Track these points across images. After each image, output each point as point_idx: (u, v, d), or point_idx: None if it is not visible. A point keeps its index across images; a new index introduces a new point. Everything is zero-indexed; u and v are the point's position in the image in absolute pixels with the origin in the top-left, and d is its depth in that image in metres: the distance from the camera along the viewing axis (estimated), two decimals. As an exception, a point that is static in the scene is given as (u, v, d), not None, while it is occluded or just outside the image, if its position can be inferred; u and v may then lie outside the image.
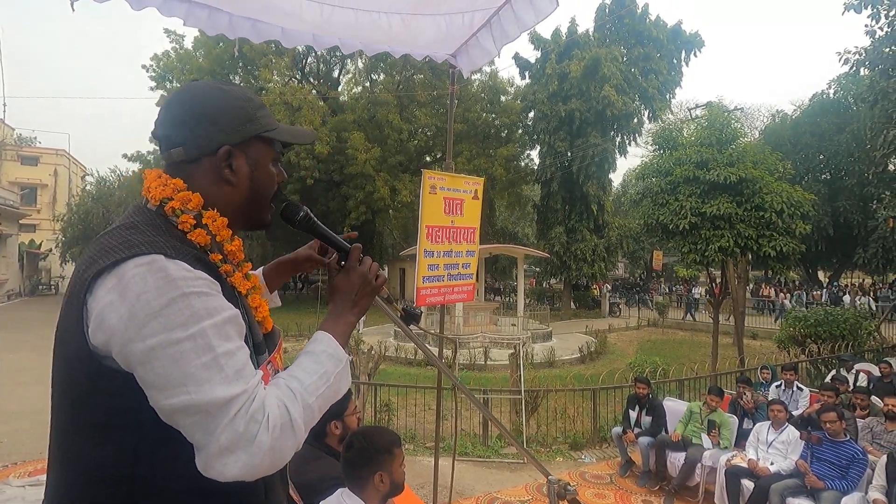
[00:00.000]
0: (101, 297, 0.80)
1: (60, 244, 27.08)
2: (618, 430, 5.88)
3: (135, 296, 0.78)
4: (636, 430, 5.66)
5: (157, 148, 1.01)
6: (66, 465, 0.87)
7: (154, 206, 0.92)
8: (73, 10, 2.04)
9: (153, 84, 24.01)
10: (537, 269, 29.87)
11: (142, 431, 0.82)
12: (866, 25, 10.66)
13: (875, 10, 10.35)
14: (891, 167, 13.47)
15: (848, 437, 4.37)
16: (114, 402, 0.82)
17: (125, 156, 24.70)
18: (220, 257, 0.93)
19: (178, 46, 23.77)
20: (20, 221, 27.79)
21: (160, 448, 0.83)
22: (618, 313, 24.45)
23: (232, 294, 0.92)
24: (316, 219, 1.10)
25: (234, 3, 2.17)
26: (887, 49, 10.60)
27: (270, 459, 0.79)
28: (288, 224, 1.09)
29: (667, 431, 5.54)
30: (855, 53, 11.11)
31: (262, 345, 0.98)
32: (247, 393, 0.80)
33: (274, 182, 1.03)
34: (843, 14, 10.65)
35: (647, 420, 5.66)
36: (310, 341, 0.98)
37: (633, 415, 5.81)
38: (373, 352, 9.26)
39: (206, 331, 0.79)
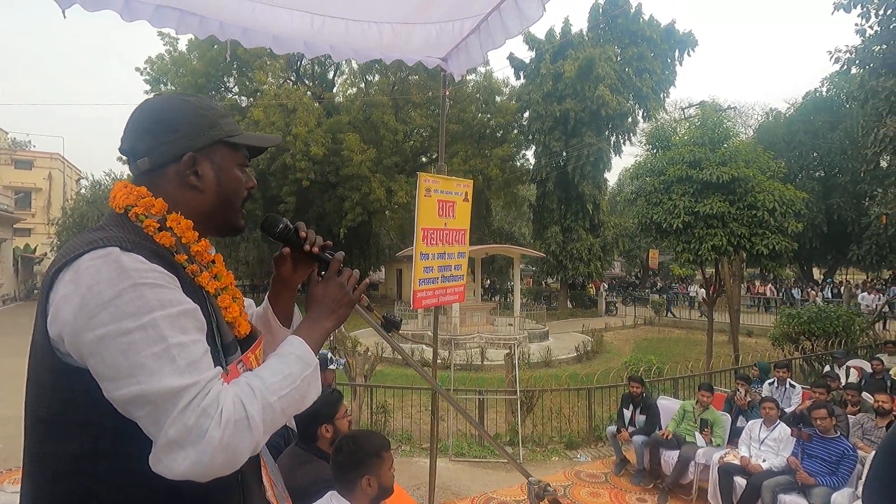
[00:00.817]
0: (60, 290, 0.81)
1: (55, 248, 26.93)
2: (612, 428, 5.92)
3: (86, 286, 0.78)
4: (630, 429, 5.70)
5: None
6: (33, 462, 0.88)
7: (120, 213, 0.94)
8: (65, 17, 2.06)
9: (148, 87, 23.92)
10: (534, 269, 29.90)
11: (101, 428, 0.82)
12: (856, 24, 10.73)
13: (865, 9, 10.42)
14: (882, 164, 13.55)
15: (838, 434, 4.41)
16: (74, 398, 0.83)
17: (120, 159, 24.55)
18: (186, 258, 0.94)
19: (172, 49, 23.63)
20: (14, 226, 27.68)
21: (121, 445, 0.82)
22: (614, 312, 24.48)
23: (198, 293, 0.92)
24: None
25: (225, 12, 2.20)
26: (877, 48, 10.67)
27: (223, 457, 0.76)
28: (268, 236, 1.11)
29: (661, 430, 5.58)
30: (846, 52, 11.17)
31: (232, 345, 0.97)
32: (199, 385, 0.78)
33: (242, 186, 1.03)
34: (832, 13, 10.73)
35: (640, 419, 5.70)
36: (281, 344, 0.97)
37: (627, 414, 5.85)
38: (369, 353, 9.27)
39: (157, 321, 0.78)
